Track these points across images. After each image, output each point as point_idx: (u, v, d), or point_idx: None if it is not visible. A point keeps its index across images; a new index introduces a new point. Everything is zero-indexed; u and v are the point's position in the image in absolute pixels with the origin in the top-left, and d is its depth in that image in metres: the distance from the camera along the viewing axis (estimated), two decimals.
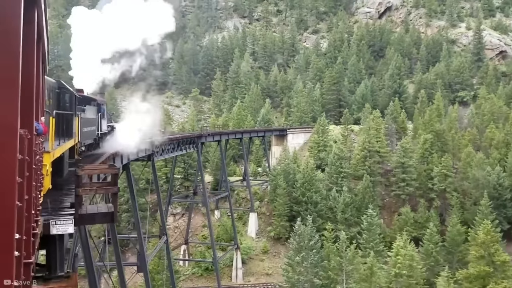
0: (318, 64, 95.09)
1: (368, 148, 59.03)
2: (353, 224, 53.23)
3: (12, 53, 2.65)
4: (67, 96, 13.30)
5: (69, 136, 12.78)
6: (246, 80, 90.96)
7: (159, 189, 34.85)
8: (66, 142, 11.95)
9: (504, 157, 59.22)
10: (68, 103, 13.43)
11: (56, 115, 10.27)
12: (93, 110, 19.88)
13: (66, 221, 7.40)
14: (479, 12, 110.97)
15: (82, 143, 17.40)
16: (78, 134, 15.31)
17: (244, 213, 59.58)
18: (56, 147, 10.00)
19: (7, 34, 2.64)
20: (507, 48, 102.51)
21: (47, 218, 7.59)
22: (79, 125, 15.58)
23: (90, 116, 18.72)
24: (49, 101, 9.93)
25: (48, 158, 8.55)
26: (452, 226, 49.35)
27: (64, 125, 12.05)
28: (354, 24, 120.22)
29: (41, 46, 5.34)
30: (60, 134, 11.21)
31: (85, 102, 18.08)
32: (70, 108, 13.60)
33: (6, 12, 2.61)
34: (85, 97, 18.99)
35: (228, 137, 54.90)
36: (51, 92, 10.50)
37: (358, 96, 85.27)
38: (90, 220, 8.32)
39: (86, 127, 17.55)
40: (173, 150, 38.68)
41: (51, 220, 7.37)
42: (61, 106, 12.39)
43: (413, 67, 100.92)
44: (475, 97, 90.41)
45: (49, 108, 9.54)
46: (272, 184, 57.50)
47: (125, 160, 26.16)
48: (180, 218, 58.31)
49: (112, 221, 8.34)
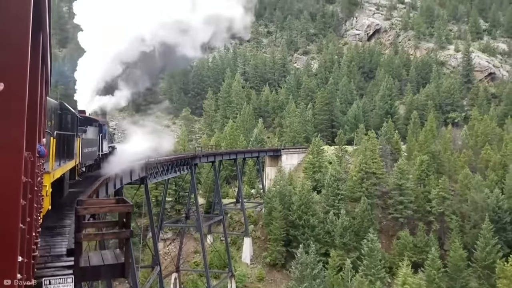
0: (310, 85, 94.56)
1: (365, 169, 57.63)
2: (352, 249, 51.30)
3: (20, 77, 2.68)
4: (69, 117, 13.39)
5: (70, 157, 12.73)
6: (238, 100, 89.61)
7: (152, 216, 32.59)
8: (66, 163, 11.98)
9: (502, 179, 58.35)
10: (69, 124, 13.42)
11: (57, 136, 10.13)
12: (94, 131, 19.81)
13: (64, 281, 5.48)
14: (467, 34, 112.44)
15: (83, 163, 17.32)
16: (79, 155, 15.30)
17: (238, 237, 57.19)
18: (56, 168, 9.93)
19: (16, 59, 2.66)
20: (495, 70, 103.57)
21: (39, 273, 5.69)
22: (80, 146, 15.52)
23: (91, 137, 18.67)
24: (51, 122, 9.90)
25: (48, 179, 8.52)
26: (454, 251, 47.76)
27: (65, 145, 11.95)
28: (344, 45, 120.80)
29: (45, 69, 5.39)
30: (61, 155, 11.14)
31: (86, 123, 18.19)
32: (72, 129, 13.58)
33: (14, 38, 2.65)
34: (87, 118, 19.19)
35: (222, 157, 52.97)
36: (53, 113, 10.50)
37: (351, 117, 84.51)
38: (94, 275, 6.35)
39: (87, 148, 17.47)
40: (166, 172, 36.62)
41: (44, 279, 5.44)
42: (63, 127, 12.37)
43: (403, 88, 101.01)
44: (466, 118, 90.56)
45: (50, 129, 9.48)
46: (267, 206, 55.41)
47: (118, 185, 24.11)
48: (171, 244, 55.61)
49: (123, 275, 6.37)
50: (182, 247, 50.93)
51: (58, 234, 8.21)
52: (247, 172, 68.77)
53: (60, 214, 10.16)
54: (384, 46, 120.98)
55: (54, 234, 8.15)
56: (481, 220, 53.52)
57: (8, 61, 2.67)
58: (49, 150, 8.69)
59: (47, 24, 4.20)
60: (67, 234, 8.10)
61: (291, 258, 53.66)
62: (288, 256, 53.60)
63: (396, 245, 54.04)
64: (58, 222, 9.13)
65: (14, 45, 2.65)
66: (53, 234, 8.15)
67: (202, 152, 46.41)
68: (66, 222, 9.18)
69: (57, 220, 9.58)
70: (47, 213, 8.93)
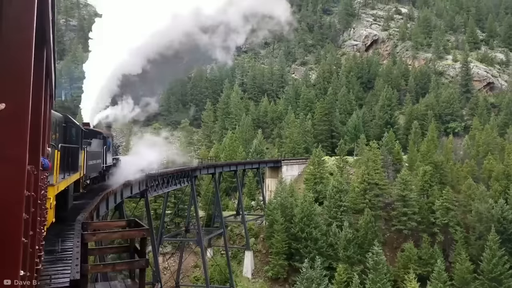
0: (308, 95, 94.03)
1: (368, 180, 56.69)
2: (356, 262, 50.12)
3: (22, 92, 2.71)
4: (73, 130, 13.59)
5: (74, 169, 12.76)
6: (236, 111, 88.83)
7: (153, 231, 31.45)
8: (71, 176, 12.06)
9: (506, 189, 57.51)
10: (74, 137, 13.60)
11: (62, 149, 10.20)
12: (99, 143, 19.85)
13: None
14: (464, 44, 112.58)
15: (87, 176, 17.43)
16: (83, 167, 15.34)
17: (238, 251, 55.91)
18: (60, 180, 10.04)
19: (19, 73, 2.69)
20: (494, 79, 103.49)
21: None
22: (85, 159, 15.57)
23: (95, 149, 18.71)
24: (56, 135, 10.03)
25: (52, 191, 8.54)
26: (461, 264, 46.68)
27: (70, 158, 12.02)
28: (342, 56, 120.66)
29: (49, 82, 5.41)
30: (65, 168, 11.22)
31: (91, 136, 18.26)
32: (76, 142, 13.68)
33: (18, 52, 2.68)
34: (91, 130, 19.34)
35: (222, 169, 51.96)
36: (58, 126, 10.61)
37: (350, 127, 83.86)
38: None
39: (91, 160, 17.53)
40: (167, 185, 35.58)
41: None
42: (67, 139, 12.49)
43: (402, 98, 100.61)
44: (466, 128, 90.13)
45: (55, 142, 9.59)
46: (269, 219, 54.26)
47: (118, 199, 23.08)
48: (170, 258, 54.23)
49: None
50: (182, 262, 49.62)
51: (59, 260, 7.21)
52: (246, 183, 67.70)
53: (62, 230, 9.72)
54: (382, 57, 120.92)
55: (54, 261, 7.19)
56: (486, 231, 52.56)
57: (11, 74, 2.68)
58: (53, 163, 8.69)
59: (51, 38, 4.22)
60: (69, 259, 7.10)
61: (294, 272, 52.42)
62: (290, 270, 52.35)
63: (400, 257, 52.86)
64: (60, 244, 8.35)
65: (17, 58, 2.69)
66: (53, 260, 7.16)
67: (203, 163, 45.38)
68: (67, 245, 8.20)
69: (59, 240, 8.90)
70: (50, 227, 8.81)
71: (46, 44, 4.08)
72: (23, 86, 2.72)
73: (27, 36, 2.77)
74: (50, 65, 4.90)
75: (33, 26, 2.79)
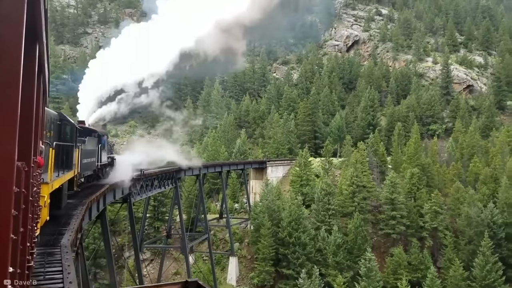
0: (291, 95, 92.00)
1: (357, 182, 54.91)
2: (345, 268, 48.15)
3: (11, 88, 2.70)
4: (68, 128, 13.47)
5: (68, 167, 12.78)
6: (218, 110, 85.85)
7: (136, 238, 28.42)
8: (65, 174, 12.04)
9: (494, 192, 56.83)
10: (68, 135, 13.43)
11: (56, 147, 10.19)
12: (93, 141, 19.71)
13: None
14: (444, 47, 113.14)
15: (82, 174, 17.41)
16: (78, 166, 15.32)
17: (222, 257, 53.09)
18: (55, 178, 10.06)
19: (8, 69, 2.69)
20: (473, 82, 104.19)
21: None
22: (79, 157, 15.50)
23: (90, 147, 18.57)
24: (50, 132, 9.89)
25: (47, 189, 8.74)
26: (455, 270, 45.32)
27: (64, 156, 11.98)
28: (323, 56, 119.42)
29: (42, 79, 5.34)
30: (60, 166, 11.21)
31: (86, 134, 18.10)
32: (71, 140, 13.56)
33: (7, 48, 2.69)
34: (86, 128, 19.21)
35: (207, 170, 49.08)
36: (52, 124, 10.55)
37: (334, 128, 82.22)
38: None
39: (86, 159, 17.42)
40: (151, 187, 32.50)
41: None
42: (62, 137, 12.32)
43: (383, 100, 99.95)
44: (447, 131, 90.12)
45: (49, 140, 9.50)
46: (254, 223, 51.66)
47: (101, 206, 20.09)
48: (149, 265, 50.89)
49: None
50: (162, 269, 46.45)
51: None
52: (230, 185, 64.91)
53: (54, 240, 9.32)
54: (363, 58, 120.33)
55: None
56: (476, 235, 51.62)
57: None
58: (47, 161, 8.72)
59: (44, 35, 4.15)
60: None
61: (281, 278, 50.07)
62: (277, 276, 49.93)
63: (390, 262, 51.21)
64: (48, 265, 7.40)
65: (5, 54, 2.65)
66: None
67: (188, 164, 42.37)
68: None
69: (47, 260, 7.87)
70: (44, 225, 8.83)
71: (38, 40, 3.99)
72: (11, 82, 2.65)
73: (17, 32, 2.69)
74: (43, 62, 4.82)
75: (23, 21, 2.73)
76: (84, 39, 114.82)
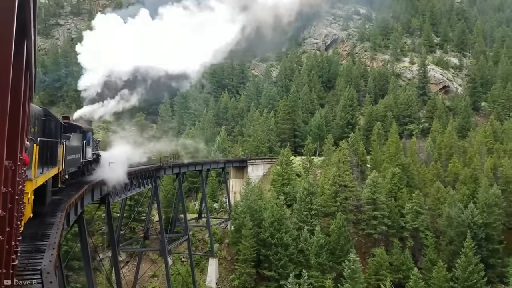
0: (271, 92, 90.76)
1: (339, 182, 54.11)
2: (328, 269, 47.23)
3: (1, 86, 2.65)
4: (52, 124, 13.41)
5: (53, 164, 12.74)
6: (196, 106, 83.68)
7: (115, 241, 26.46)
8: (49, 170, 12.01)
9: (474, 193, 57.13)
10: (53, 131, 13.42)
11: (41, 143, 10.23)
12: (78, 137, 19.40)
13: None
14: (421, 47, 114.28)
15: (66, 171, 17.22)
16: (62, 162, 15.25)
17: (201, 258, 51.33)
18: (39, 175, 10.07)
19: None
20: (449, 83, 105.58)
21: None
22: (64, 153, 15.45)
23: (75, 143, 18.40)
24: (34, 128, 9.89)
25: (30, 186, 8.59)
26: (438, 272, 45.07)
27: (48, 152, 11.93)
28: (302, 54, 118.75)
29: (29, 75, 5.28)
30: (44, 162, 11.21)
31: (70, 130, 18.01)
32: (55, 136, 13.58)
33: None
34: (71, 124, 19.10)
35: (188, 168, 47.20)
36: (37, 119, 10.48)
37: (314, 127, 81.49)
38: None
39: (70, 155, 17.30)
40: (130, 187, 30.53)
41: None
42: (46, 133, 12.27)
43: (361, 99, 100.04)
44: (423, 131, 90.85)
45: (34, 136, 9.50)
46: (235, 223, 50.12)
47: (79, 209, 18.19)
48: (124, 267, 48.62)
49: None
50: (138, 272, 44.35)
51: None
52: (208, 184, 63.06)
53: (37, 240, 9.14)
54: (342, 56, 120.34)
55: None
56: (456, 236, 51.66)
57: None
58: (31, 157, 8.63)
59: (32, 30, 4.07)
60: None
61: (262, 280, 48.78)
62: (258, 278, 48.59)
63: (371, 263, 50.62)
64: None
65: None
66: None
67: (169, 163, 40.46)
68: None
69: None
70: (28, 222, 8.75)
71: (27, 37, 3.96)
72: (2, 81, 2.62)
73: (7, 30, 2.67)
74: (30, 58, 4.69)
75: (14, 20, 2.70)
76: (56, 30, 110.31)
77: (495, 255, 51.13)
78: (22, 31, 3.69)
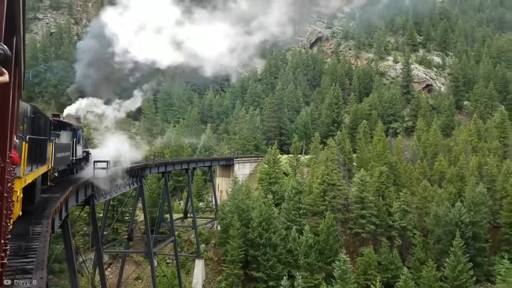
0: (256, 90, 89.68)
1: (328, 181, 53.43)
2: (316, 269, 46.47)
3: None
4: (41, 121, 13.32)
5: (42, 161, 12.74)
6: (180, 103, 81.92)
7: (100, 243, 25.03)
8: (39, 168, 12.05)
9: (460, 191, 57.23)
10: (42, 128, 13.29)
11: (30, 140, 10.17)
12: (68, 135, 19.07)
13: None
14: (404, 46, 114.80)
15: (56, 169, 17.03)
16: (51, 160, 15.07)
17: (187, 259, 49.97)
18: (28, 173, 10.04)
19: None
20: (432, 82, 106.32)
21: None
22: (53, 151, 15.22)
23: (64, 141, 18.12)
24: (23, 126, 9.79)
25: (19, 184, 8.51)
26: (428, 271, 44.79)
27: (38, 150, 11.92)
28: (287, 52, 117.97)
29: (18, 72, 5.18)
30: (33, 160, 11.12)
31: (60, 127, 17.84)
32: (45, 133, 13.46)
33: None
34: (61, 122, 18.95)
35: (174, 167, 45.76)
36: (26, 117, 10.38)
37: (300, 125, 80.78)
38: None
39: (60, 153, 17.01)
40: (115, 188, 29.02)
41: None
42: (35, 131, 12.13)
43: (346, 97, 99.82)
44: (407, 129, 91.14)
45: (22, 133, 9.35)
46: (222, 223, 48.91)
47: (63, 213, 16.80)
48: (107, 269, 46.86)
49: None
50: (122, 274, 42.75)
51: None
52: (193, 182, 61.59)
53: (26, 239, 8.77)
54: (326, 55, 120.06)
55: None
56: (444, 235, 51.57)
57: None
58: (20, 155, 8.42)
59: (21, 28, 4.08)
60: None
61: (249, 281, 47.73)
62: (246, 279, 47.51)
63: (360, 263, 50.10)
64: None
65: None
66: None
67: (155, 161, 38.98)
68: None
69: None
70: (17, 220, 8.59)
71: (15, 33, 3.93)
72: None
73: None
74: (19, 55, 4.63)
75: (3, 16, 2.64)
76: (34, 25, 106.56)
77: (482, 254, 51.20)
78: (10, 27, 3.61)
